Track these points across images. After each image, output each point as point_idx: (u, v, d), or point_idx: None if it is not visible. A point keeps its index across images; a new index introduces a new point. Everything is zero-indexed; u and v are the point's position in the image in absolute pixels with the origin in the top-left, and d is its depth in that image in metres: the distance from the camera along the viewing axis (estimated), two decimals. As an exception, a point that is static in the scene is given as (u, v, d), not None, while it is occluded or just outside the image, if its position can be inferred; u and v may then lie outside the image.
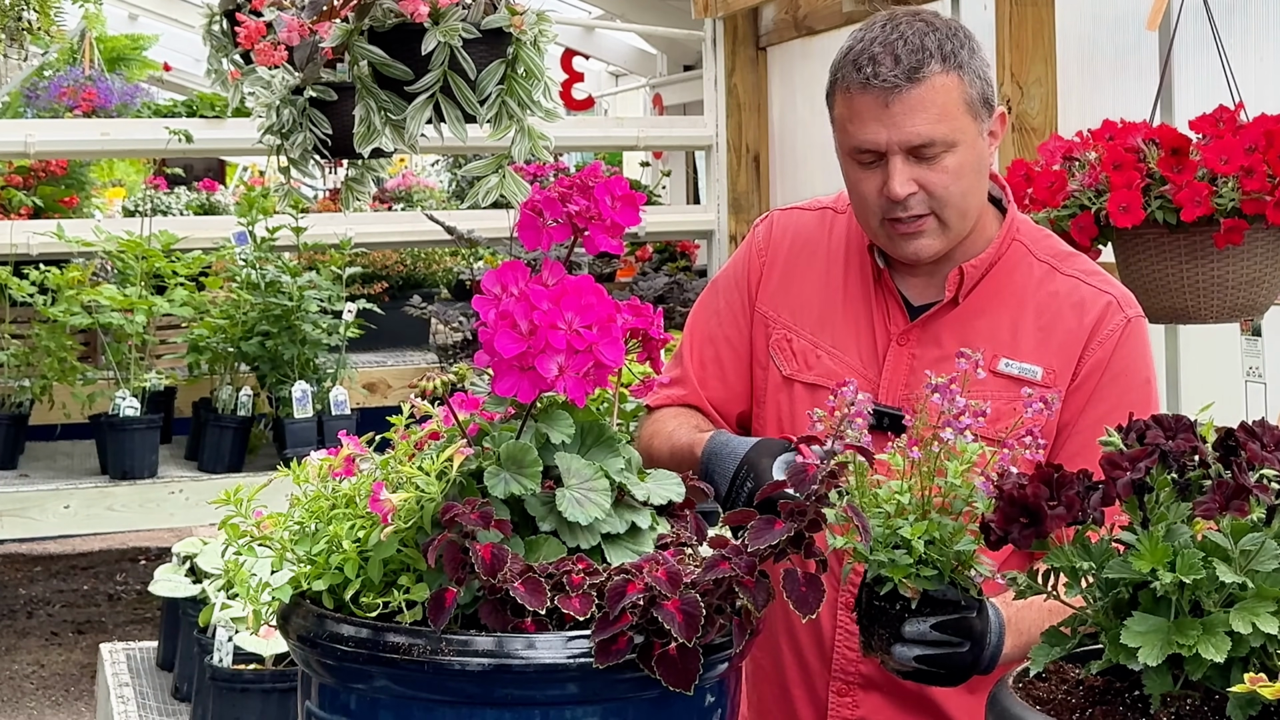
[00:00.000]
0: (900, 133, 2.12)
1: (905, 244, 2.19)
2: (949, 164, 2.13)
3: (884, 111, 2.12)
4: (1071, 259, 2.28)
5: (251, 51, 2.81)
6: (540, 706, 1.55)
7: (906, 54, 2.11)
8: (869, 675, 2.23)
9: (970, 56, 2.15)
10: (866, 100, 2.13)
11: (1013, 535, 1.50)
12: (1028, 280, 2.24)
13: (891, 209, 2.16)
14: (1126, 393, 2.18)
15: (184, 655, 4.00)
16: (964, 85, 2.13)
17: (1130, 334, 2.21)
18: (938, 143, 2.12)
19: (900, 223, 2.17)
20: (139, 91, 8.57)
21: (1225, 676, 1.39)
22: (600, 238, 1.76)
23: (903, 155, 2.13)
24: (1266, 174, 2.91)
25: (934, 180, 2.13)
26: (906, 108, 2.11)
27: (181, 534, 6.14)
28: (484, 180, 2.62)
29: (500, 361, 1.64)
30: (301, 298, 6.26)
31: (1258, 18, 4.06)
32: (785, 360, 2.29)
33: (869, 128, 2.14)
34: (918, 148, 2.12)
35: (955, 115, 2.13)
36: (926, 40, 2.12)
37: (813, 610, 1.59)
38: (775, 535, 1.58)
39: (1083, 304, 2.21)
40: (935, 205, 2.15)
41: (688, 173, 9.46)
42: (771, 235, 2.37)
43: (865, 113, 2.14)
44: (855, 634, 2.20)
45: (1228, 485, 1.42)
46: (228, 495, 1.72)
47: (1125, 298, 2.25)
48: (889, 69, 2.11)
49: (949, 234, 2.18)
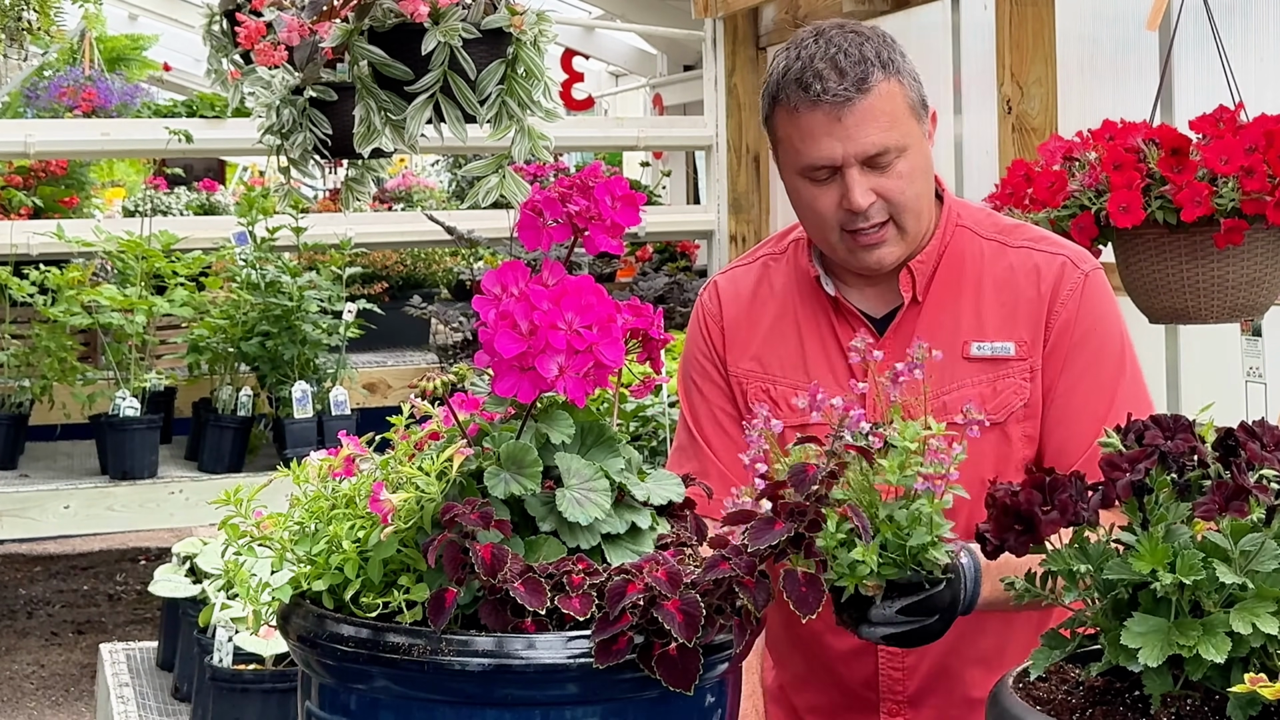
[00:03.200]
0: (856, 144, 2.12)
1: (867, 255, 2.19)
2: (902, 169, 2.14)
3: (836, 125, 2.13)
4: (1017, 230, 2.29)
5: (251, 51, 2.81)
6: (540, 706, 1.55)
7: (850, 66, 2.12)
8: (916, 694, 2.25)
9: (903, 60, 2.17)
10: (817, 117, 2.13)
11: (1008, 543, 1.50)
12: (980, 261, 2.25)
13: (852, 220, 2.16)
14: (1102, 346, 2.20)
15: (184, 655, 4.01)
16: (905, 90, 2.15)
17: (1090, 287, 2.22)
18: (891, 149, 2.13)
19: (860, 233, 2.17)
20: (139, 91, 8.58)
21: (1225, 677, 1.39)
22: (600, 238, 1.76)
23: (859, 167, 2.14)
24: (1267, 174, 2.91)
25: (890, 186, 2.14)
26: (858, 119, 2.12)
27: (181, 534, 6.14)
28: (484, 180, 2.62)
29: (500, 361, 1.64)
30: (301, 298, 6.26)
31: (1258, 18, 4.06)
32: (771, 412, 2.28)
33: (822, 144, 2.14)
34: (873, 157, 2.13)
35: (902, 120, 2.14)
36: (865, 50, 2.14)
37: (813, 610, 1.59)
38: (775, 535, 1.58)
39: (1038, 270, 2.22)
40: (893, 211, 2.16)
41: (688, 173, 9.46)
42: (720, 299, 2.37)
43: (817, 129, 2.14)
44: (895, 653, 2.23)
45: (1227, 486, 1.42)
46: (228, 495, 1.72)
47: (1078, 254, 2.26)
48: (836, 83, 2.11)
49: (906, 239, 2.20)
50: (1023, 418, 2.19)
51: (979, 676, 2.23)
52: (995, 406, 2.18)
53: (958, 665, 2.23)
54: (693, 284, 7.01)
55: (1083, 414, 2.17)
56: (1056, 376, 2.19)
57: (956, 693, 2.25)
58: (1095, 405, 2.18)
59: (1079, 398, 2.18)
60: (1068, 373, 2.18)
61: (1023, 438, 2.19)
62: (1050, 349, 2.19)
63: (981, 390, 2.19)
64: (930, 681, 2.25)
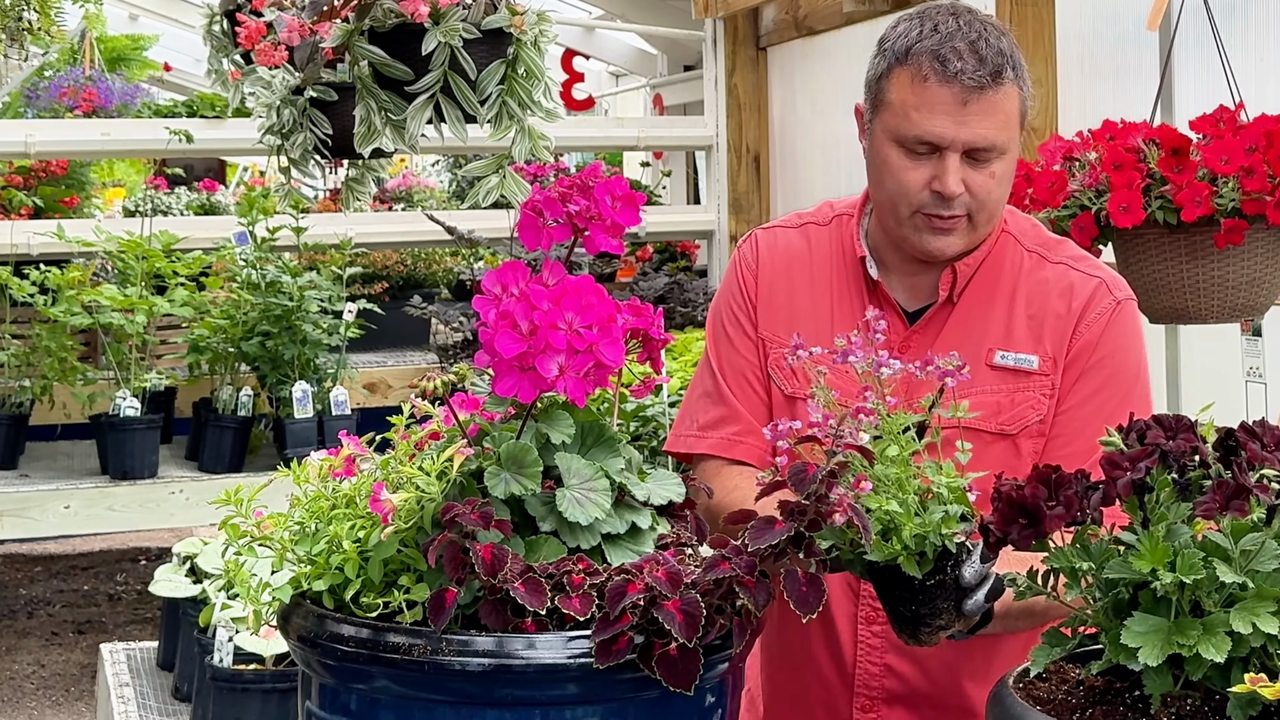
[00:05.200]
0: (970, 132, 2.11)
1: (934, 239, 2.18)
2: (996, 170, 2.14)
3: (960, 109, 2.11)
4: (1060, 246, 2.29)
5: (252, 51, 2.81)
6: (540, 706, 1.55)
7: (990, 55, 2.11)
8: (892, 690, 2.23)
9: (1024, 71, 2.17)
10: (944, 94, 2.11)
11: (1012, 536, 1.50)
12: (1018, 271, 2.24)
13: (934, 204, 2.15)
14: (1116, 374, 2.18)
15: (184, 655, 4.01)
16: (1022, 97, 2.15)
17: (1120, 316, 2.21)
18: (996, 148, 2.13)
19: (937, 218, 2.16)
20: (139, 91, 8.58)
21: (1225, 676, 1.39)
22: (600, 238, 1.76)
23: (961, 155, 2.13)
24: (1267, 174, 2.91)
25: (980, 183, 2.14)
26: (982, 109, 2.11)
27: (181, 534, 6.13)
28: (484, 180, 2.62)
29: (500, 361, 1.64)
30: (302, 298, 6.26)
31: (1258, 18, 4.06)
32: (785, 379, 2.27)
33: (938, 121, 2.12)
34: (979, 150, 2.13)
35: (1013, 124, 2.15)
36: (1003, 44, 2.14)
37: (813, 610, 1.59)
38: (775, 535, 1.57)
39: (1072, 288, 2.22)
40: (973, 207, 2.16)
41: (688, 173, 9.46)
42: (759, 254, 2.35)
43: (938, 105, 2.12)
44: (875, 648, 2.21)
45: (1228, 485, 1.42)
46: (228, 495, 1.72)
47: (1114, 281, 2.25)
48: (974, 68, 2.10)
49: (974, 236, 2.20)
50: (1035, 434, 2.18)
51: (962, 685, 2.22)
52: (1010, 418, 2.17)
53: (939, 669, 2.21)
54: (693, 284, 7.01)
55: (1081, 436, 2.15)
56: (1066, 394, 2.17)
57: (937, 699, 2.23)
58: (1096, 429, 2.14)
59: (1081, 419, 2.16)
60: (1076, 392, 2.16)
61: (1033, 453, 2.17)
62: (1066, 365, 2.18)
63: (999, 399, 2.17)
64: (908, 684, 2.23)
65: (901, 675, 2.22)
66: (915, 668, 2.22)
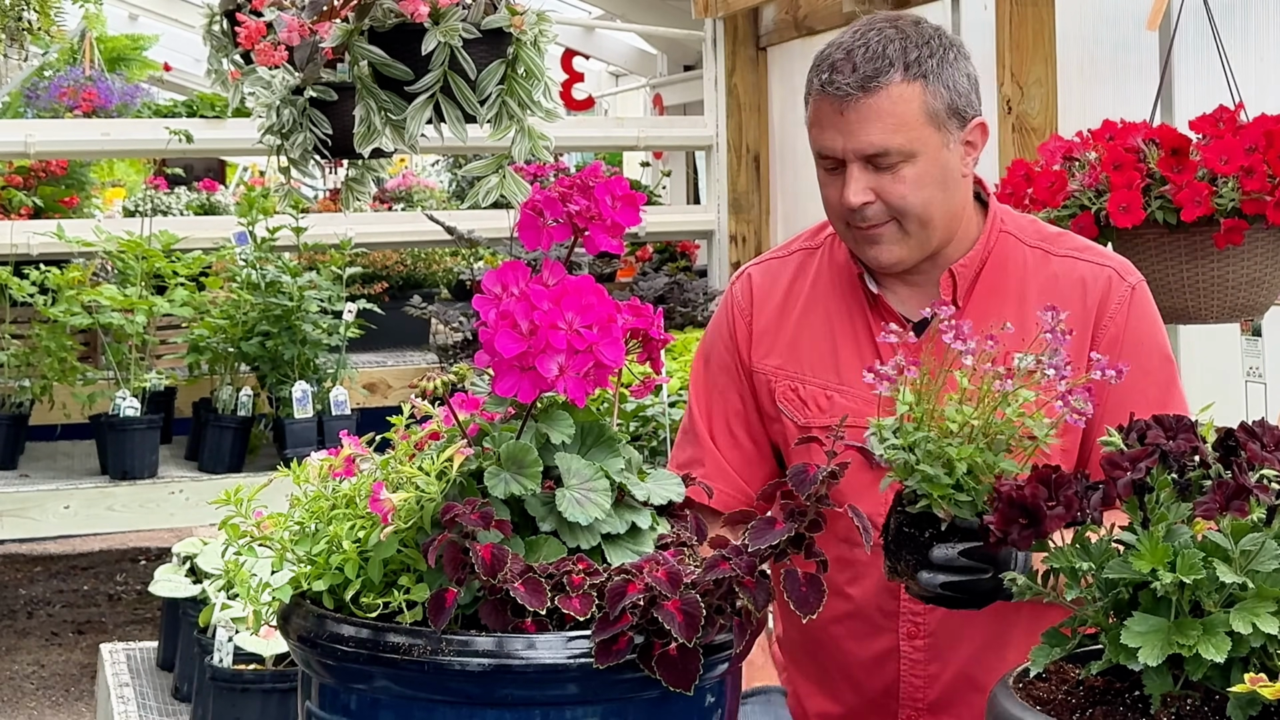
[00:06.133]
0: (854, 141, 2.10)
1: (867, 248, 2.18)
2: (907, 174, 2.11)
3: (840, 119, 2.11)
4: (1061, 239, 2.27)
5: (251, 51, 2.81)
6: (540, 707, 1.55)
7: (864, 62, 2.09)
8: (935, 699, 2.22)
9: (940, 65, 2.12)
10: (826, 106, 2.12)
11: (1012, 536, 1.50)
12: (1023, 269, 2.22)
13: (852, 215, 2.14)
14: (1147, 361, 2.18)
15: (184, 655, 4.01)
16: (926, 95, 2.10)
17: (1137, 300, 2.20)
18: (893, 153, 2.10)
19: (859, 229, 2.16)
20: (139, 91, 8.58)
21: (1225, 677, 1.39)
22: (600, 237, 1.76)
23: (860, 163, 2.11)
24: (1266, 174, 2.91)
25: (891, 190, 2.11)
26: (860, 117, 2.09)
27: (181, 534, 6.13)
28: (484, 180, 2.62)
29: (500, 361, 1.64)
30: (302, 298, 6.26)
31: (1258, 18, 4.06)
32: (796, 410, 2.25)
33: (827, 134, 2.13)
34: (873, 157, 2.10)
35: (914, 126, 2.10)
36: (890, 49, 2.10)
37: (813, 611, 1.59)
38: (775, 535, 1.57)
39: (1084, 282, 2.20)
40: (894, 214, 2.13)
41: (688, 173, 9.46)
42: (752, 291, 2.34)
43: (824, 119, 2.13)
44: (919, 661, 2.21)
45: (1228, 485, 1.42)
46: (228, 495, 1.72)
47: (1123, 266, 2.24)
48: (844, 77, 2.09)
49: (911, 242, 2.16)
50: (1060, 432, 2.14)
51: None
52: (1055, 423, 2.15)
53: (981, 675, 2.19)
54: (693, 284, 7.00)
55: None
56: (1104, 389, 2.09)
57: (977, 704, 2.22)
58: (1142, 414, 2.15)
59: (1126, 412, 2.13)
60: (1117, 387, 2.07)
61: (1060, 452, 2.13)
62: None
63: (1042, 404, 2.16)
64: (951, 691, 2.22)
65: (943, 683, 2.22)
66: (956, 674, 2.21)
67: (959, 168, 2.16)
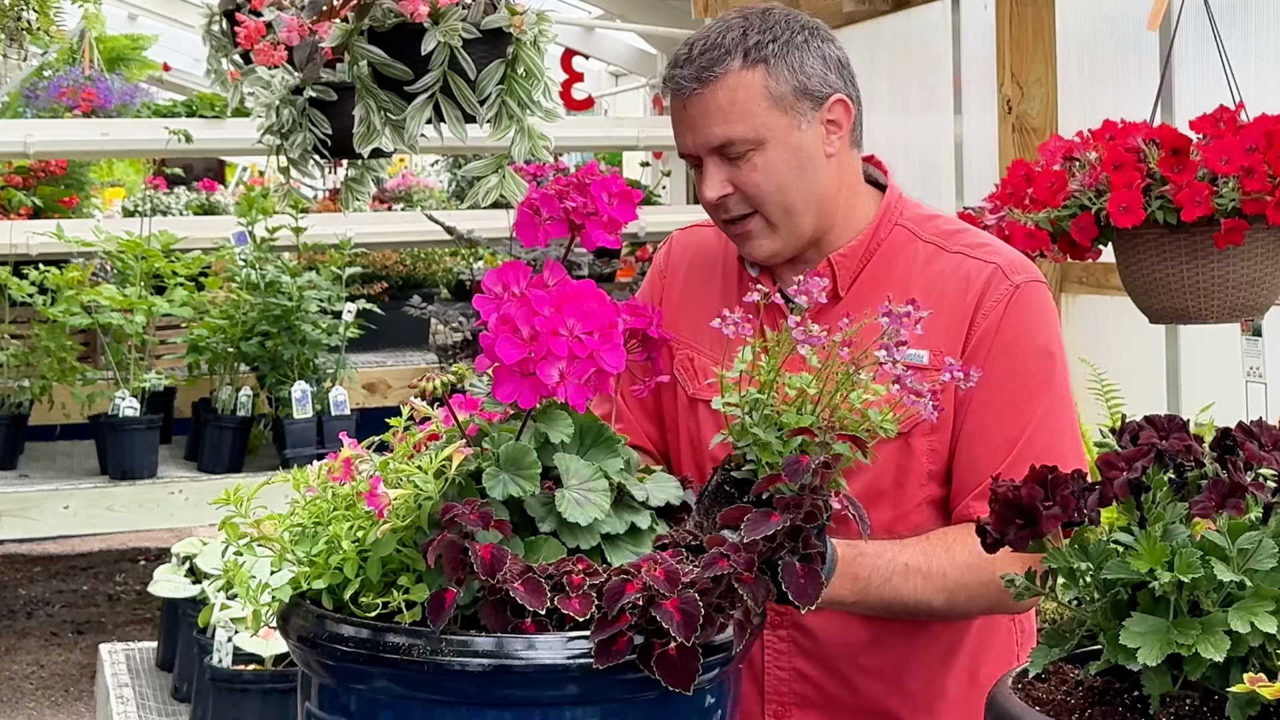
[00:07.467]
0: (699, 135, 2.08)
1: (741, 245, 2.16)
2: (758, 162, 2.07)
3: (684, 115, 2.09)
4: (959, 235, 2.18)
5: (251, 51, 2.81)
6: (540, 707, 1.55)
7: (701, 54, 2.07)
8: (803, 693, 2.18)
9: (785, 49, 2.07)
10: (674, 104, 2.11)
11: (1009, 537, 1.50)
12: (912, 264, 2.15)
13: (719, 212, 2.12)
14: (1020, 363, 2.08)
15: (184, 656, 4.01)
16: (768, 80, 2.06)
17: (1020, 299, 2.10)
18: (738, 141, 2.06)
19: (730, 224, 2.13)
20: (139, 91, 8.58)
21: (1224, 676, 1.39)
22: (598, 233, 1.76)
23: (713, 157, 2.09)
24: (1267, 174, 2.90)
25: (745, 180, 2.08)
26: (700, 110, 2.07)
27: (181, 534, 6.13)
28: (484, 180, 2.62)
29: (501, 367, 1.64)
30: (301, 298, 6.27)
31: (1258, 18, 4.06)
32: (689, 380, 2.22)
33: (679, 133, 2.12)
34: (720, 148, 2.07)
35: (756, 112, 2.06)
36: (727, 38, 2.07)
37: (812, 601, 1.58)
38: (771, 527, 1.58)
39: (968, 278, 2.11)
40: (753, 204, 2.10)
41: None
42: (670, 255, 2.32)
43: (674, 117, 2.12)
44: (784, 654, 2.16)
45: (1224, 483, 1.42)
46: (227, 495, 1.72)
47: (1014, 264, 2.13)
48: (683, 72, 2.07)
49: (780, 232, 2.12)
50: (929, 430, 2.07)
51: (874, 689, 2.16)
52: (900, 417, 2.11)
53: (851, 673, 2.16)
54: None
55: (996, 431, 2.07)
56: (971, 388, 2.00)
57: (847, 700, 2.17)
58: (1010, 423, 2.07)
59: (994, 413, 2.07)
60: (984, 386, 1.99)
61: (928, 451, 2.09)
62: (966, 358, 2.05)
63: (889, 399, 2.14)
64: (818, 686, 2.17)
65: (811, 679, 2.16)
66: (825, 671, 2.16)
67: (819, 148, 2.11)
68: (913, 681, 2.16)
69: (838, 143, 2.13)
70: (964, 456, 2.09)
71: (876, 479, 2.06)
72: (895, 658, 2.16)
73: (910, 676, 2.16)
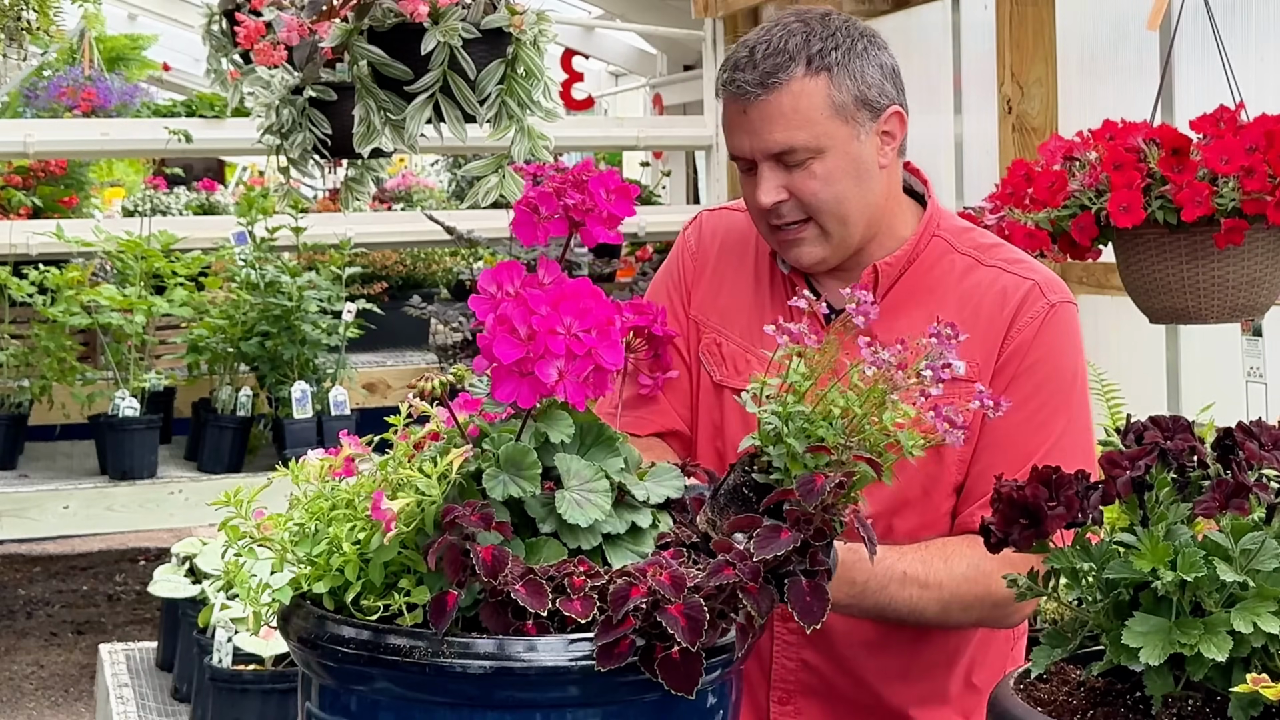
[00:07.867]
0: (759, 140, 2.07)
1: (788, 251, 2.15)
2: (817, 170, 2.07)
3: (744, 119, 2.08)
4: (995, 249, 2.20)
5: (251, 51, 2.81)
6: (541, 709, 1.55)
7: (764, 58, 2.06)
8: (808, 682, 2.19)
9: (847, 57, 2.08)
10: (733, 107, 2.10)
11: (1013, 537, 1.50)
12: (949, 275, 2.16)
13: (770, 216, 2.11)
14: (1045, 382, 2.10)
15: (184, 656, 4.01)
16: (831, 89, 2.06)
17: (1054, 319, 2.12)
18: (799, 150, 2.06)
19: (780, 230, 2.12)
20: (138, 91, 8.58)
21: (1227, 677, 1.39)
22: (597, 229, 1.75)
23: (769, 162, 2.08)
24: (1267, 174, 2.90)
25: (803, 187, 2.08)
26: (762, 115, 2.06)
27: (181, 534, 6.14)
28: (484, 180, 2.62)
29: (499, 367, 1.64)
30: (301, 298, 6.27)
31: (1258, 18, 4.06)
32: (715, 365, 2.22)
33: (735, 135, 2.10)
34: (780, 155, 2.07)
35: (819, 120, 2.06)
36: (791, 43, 2.06)
37: (818, 620, 1.57)
38: (782, 545, 1.57)
39: (1004, 292, 2.13)
40: (809, 212, 2.10)
41: (688, 173, 9.46)
42: (701, 237, 2.30)
43: (732, 120, 2.11)
44: (792, 645, 2.17)
45: (1228, 484, 1.42)
46: (227, 496, 1.71)
47: (1050, 283, 2.16)
48: (744, 75, 2.06)
49: (832, 241, 2.12)
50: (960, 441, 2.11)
51: (879, 685, 2.18)
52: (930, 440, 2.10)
53: (857, 668, 2.17)
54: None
55: (1013, 444, 2.08)
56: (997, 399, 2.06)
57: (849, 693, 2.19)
58: (1029, 439, 2.08)
59: (1014, 427, 2.06)
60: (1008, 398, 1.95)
61: (957, 461, 2.11)
62: (997, 370, 2.09)
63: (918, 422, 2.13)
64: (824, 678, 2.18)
65: (817, 670, 2.18)
66: (831, 664, 2.17)
67: (874, 159, 2.12)
68: (916, 680, 2.18)
69: (890, 154, 2.15)
70: (977, 466, 2.11)
71: (905, 488, 2.05)
72: (902, 656, 2.17)
73: (914, 675, 2.17)
